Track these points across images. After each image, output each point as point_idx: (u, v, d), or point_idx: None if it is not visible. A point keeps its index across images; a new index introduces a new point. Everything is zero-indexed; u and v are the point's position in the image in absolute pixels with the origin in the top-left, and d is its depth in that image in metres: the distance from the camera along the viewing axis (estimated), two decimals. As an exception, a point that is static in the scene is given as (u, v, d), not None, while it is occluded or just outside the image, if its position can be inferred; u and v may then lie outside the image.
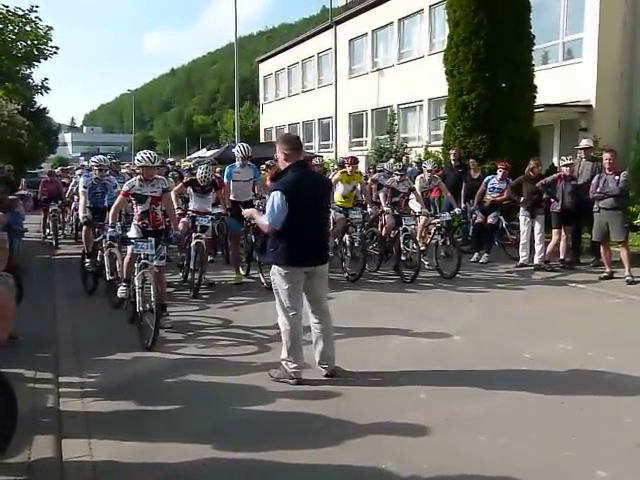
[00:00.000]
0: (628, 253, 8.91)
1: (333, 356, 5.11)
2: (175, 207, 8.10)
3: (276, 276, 4.97)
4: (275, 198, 4.80)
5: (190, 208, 8.98)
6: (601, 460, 3.60)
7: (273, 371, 5.07)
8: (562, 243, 9.96)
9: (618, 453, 3.71)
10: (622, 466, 3.55)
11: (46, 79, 18.05)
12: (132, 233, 6.87)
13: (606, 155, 9.12)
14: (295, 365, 4.95)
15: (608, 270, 9.05)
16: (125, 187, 6.92)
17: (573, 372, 5.16)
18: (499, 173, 10.77)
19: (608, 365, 5.30)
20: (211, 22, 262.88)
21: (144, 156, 6.75)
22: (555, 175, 10.01)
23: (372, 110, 26.09)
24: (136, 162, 6.96)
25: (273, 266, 5.00)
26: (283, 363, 5.00)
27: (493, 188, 10.76)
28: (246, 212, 5.92)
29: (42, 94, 18.69)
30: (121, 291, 7.06)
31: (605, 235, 9.00)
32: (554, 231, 9.84)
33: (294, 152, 5.01)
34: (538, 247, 9.96)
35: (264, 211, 5.14)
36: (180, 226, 8.72)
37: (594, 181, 9.13)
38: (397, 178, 9.73)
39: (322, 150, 28.87)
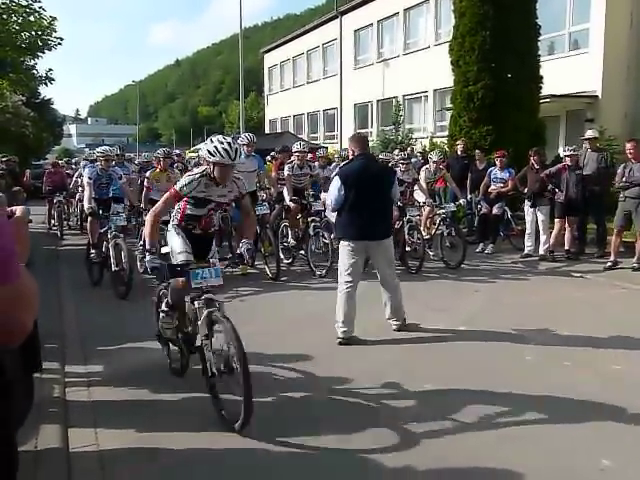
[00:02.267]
0: None
1: (401, 314, 6.04)
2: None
3: (340, 248, 5.97)
4: (335, 182, 5.81)
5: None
6: (606, 449, 3.61)
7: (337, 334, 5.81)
8: (567, 234, 9.96)
9: (622, 442, 3.72)
10: (626, 455, 3.56)
11: (50, 70, 17.98)
12: (171, 239, 4.79)
13: (628, 145, 9.13)
14: (343, 327, 5.73)
15: (612, 259, 9.05)
16: (179, 185, 4.58)
17: (578, 361, 5.16)
18: (497, 163, 10.80)
19: (613, 354, 5.30)
20: (216, 13, 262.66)
21: (220, 148, 4.33)
22: (559, 165, 9.98)
23: (377, 101, 26.01)
24: (205, 155, 4.51)
25: (339, 239, 6.03)
26: (336, 325, 5.77)
27: (496, 178, 10.79)
28: (323, 196, 7.14)
29: (46, 85, 18.60)
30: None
31: (626, 223, 9.00)
32: (556, 221, 9.84)
33: (360, 147, 6.01)
34: (543, 237, 9.96)
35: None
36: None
37: (620, 170, 9.12)
38: (402, 168, 9.71)
39: (327, 141, 28.80)
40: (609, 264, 9.03)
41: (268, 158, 12.73)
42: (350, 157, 6.13)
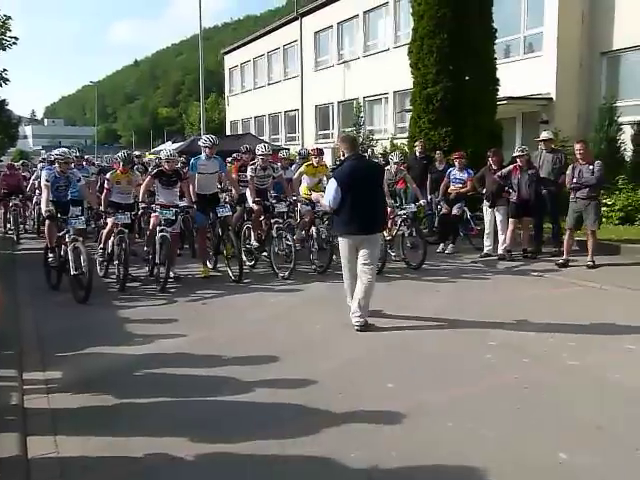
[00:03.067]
0: (594, 242, 9.19)
1: (365, 312, 6.22)
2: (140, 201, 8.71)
3: (340, 244, 6.48)
4: (331, 185, 6.28)
5: (157, 202, 8.87)
6: (563, 443, 3.71)
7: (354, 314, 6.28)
8: (523, 233, 10.19)
9: (579, 436, 3.82)
10: (582, 448, 3.66)
11: (5, 70, 17.58)
12: None
13: (577, 146, 9.35)
14: (358, 313, 6.19)
15: (564, 257, 9.31)
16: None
17: (536, 358, 5.29)
18: (456, 163, 11.00)
19: (569, 350, 5.45)
20: (176, 13, 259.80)
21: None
22: (511, 167, 10.18)
23: (338, 102, 26.15)
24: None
25: (337, 235, 6.56)
26: (350, 313, 6.28)
27: (455, 179, 10.98)
28: (314, 196, 7.56)
29: (0, 86, 18.18)
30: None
31: (577, 224, 9.25)
32: (510, 221, 10.06)
33: (350, 148, 6.47)
34: (501, 237, 10.17)
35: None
36: (152, 220, 8.68)
37: (569, 172, 9.34)
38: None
39: (289, 142, 28.82)
40: (561, 261, 9.28)
41: (229, 160, 12.67)
42: (341, 158, 6.58)
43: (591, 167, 9.09)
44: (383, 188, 6.75)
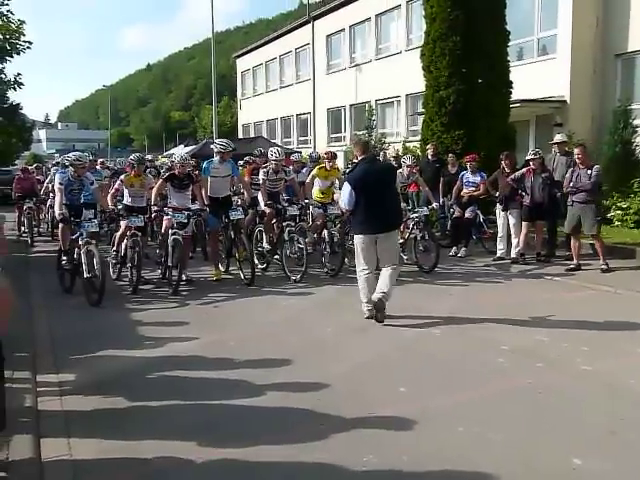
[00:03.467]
0: (601, 244, 9.14)
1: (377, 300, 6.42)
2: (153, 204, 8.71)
3: (354, 242, 6.77)
4: (346, 187, 6.61)
5: (169, 205, 8.91)
6: (576, 448, 3.67)
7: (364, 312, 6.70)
8: (537, 237, 10.12)
9: (593, 441, 3.78)
10: (596, 453, 3.62)
11: (19, 74, 17.72)
12: None
13: (576, 150, 9.31)
14: (368, 307, 6.59)
15: (575, 262, 9.22)
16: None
17: (549, 362, 5.24)
18: (469, 167, 10.94)
19: (583, 355, 5.40)
20: (188, 18, 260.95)
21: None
22: (524, 170, 10.12)
23: (350, 106, 26.13)
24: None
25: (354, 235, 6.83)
26: (362, 305, 6.68)
27: (468, 182, 10.91)
28: (336, 196, 8.22)
29: (15, 90, 18.37)
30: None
31: (576, 228, 9.16)
32: (523, 224, 10.00)
33: (362, 151, 6.79)
34: (514, 241, 10.10)
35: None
36: (164, 223, 8.72)
37: (567, 175, 9.29)
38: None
39: (301, 146, 28.84)
40: (572, 267, 9.20)
41: (241, 163, 12.71)
42: (355, 161, 6.86)
43: (589, 171, 8.99)
44: (396, 187, 7.04)
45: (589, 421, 4.07)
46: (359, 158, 6.78)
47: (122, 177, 9.29)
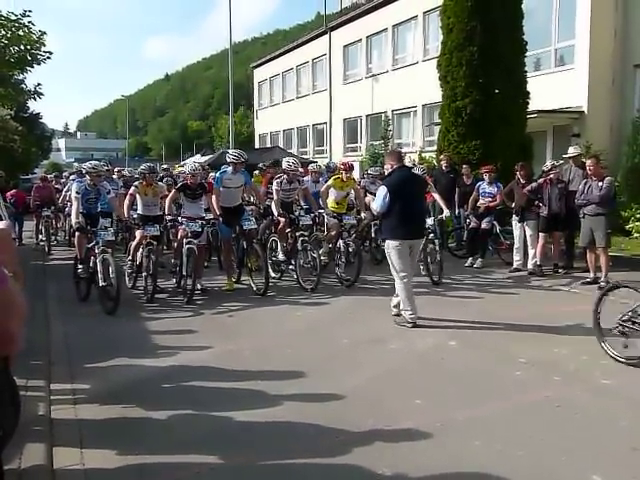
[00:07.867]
0: (606, 259, 8.85)
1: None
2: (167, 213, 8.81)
3: (388, 248, 6.88)
4: (381, 191, 6.84)
5: (183, 215, 8.93)
6: (596, 464, 3.59)
7: (397, 318, 6.91)
8: (554, 248, 9.99)
9: (613, 457, 3.70)
10: (617, 470, 3.54)
11: (39, 84, 17.88)
12: None
13: (588, 162, 9.14)
14: (411, 313, 6.72)
15: (592, 276, 9.02)
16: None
17: (568, 375, 5.16)
18: (485, 177, 10.85)
19: (602, 368, 5.30)
20: (208, 29, 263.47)
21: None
22: (541, 180, 10.02)
23: (366, 116, 26.14)
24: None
25: (387, 240, 6.91)
26: (402, 312, 6.81)
27: (484, 193, 10.83)
28: (368, 199, 8.84)
29: (35, 99, 18.53)
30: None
31: (591, 241, 8.95)
32: (540, 235, 9.88)
33: (398, 160, 7.11)
34: (531, 252, 9.99)
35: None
36: (179, 233, 8.75)
37: (580, 187, 9.14)
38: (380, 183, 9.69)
39: (317, 156, 28.87)
40: (588, 280, 8.99)
41: (256, 172, 12.75)
42: (389, 170, 7.08)
43: (600, 183, 8.82)
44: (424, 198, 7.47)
45: (609, 436, 3.98)
46: (395, 167, 7.00)
47: (136, 183, 9.34)
